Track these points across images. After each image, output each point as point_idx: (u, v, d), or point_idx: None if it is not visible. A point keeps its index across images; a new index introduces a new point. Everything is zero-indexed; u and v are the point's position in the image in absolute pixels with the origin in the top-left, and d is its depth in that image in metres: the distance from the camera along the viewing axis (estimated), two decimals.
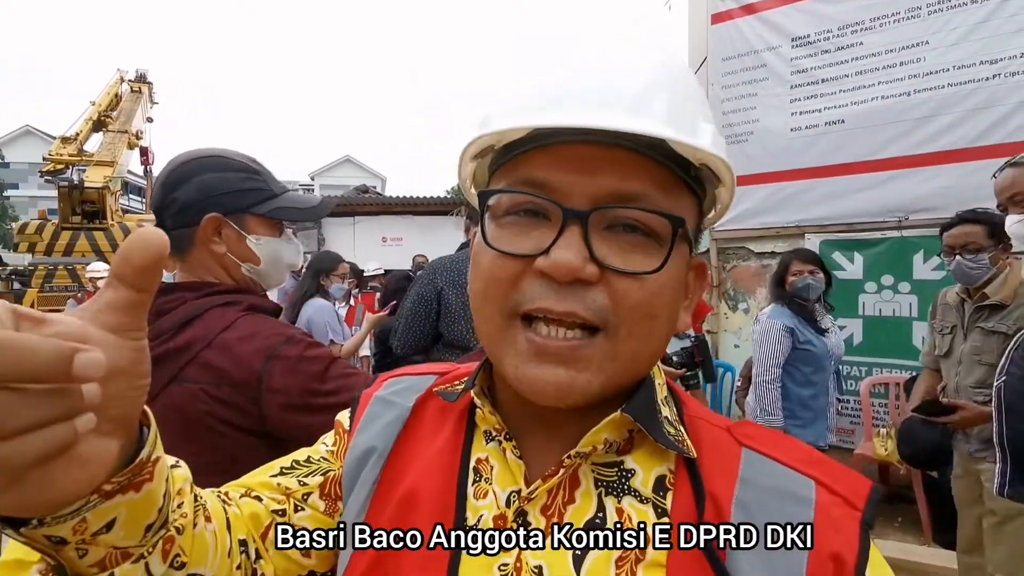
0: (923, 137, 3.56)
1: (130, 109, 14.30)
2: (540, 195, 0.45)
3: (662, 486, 0.48)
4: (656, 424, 0.48)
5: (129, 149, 13.92)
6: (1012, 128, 3.28)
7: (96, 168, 12.67)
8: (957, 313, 2.29)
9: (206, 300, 1.08)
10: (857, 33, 3.79)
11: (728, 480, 0.47)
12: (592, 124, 0.42)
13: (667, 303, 0.47)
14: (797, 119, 4.00)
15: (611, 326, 0.45)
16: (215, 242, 1.11)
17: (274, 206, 1.16)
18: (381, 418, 0.59)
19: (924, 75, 3.56)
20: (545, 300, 0.44)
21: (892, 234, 3.69)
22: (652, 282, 0.45)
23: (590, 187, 0.44)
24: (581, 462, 0.49)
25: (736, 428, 0.52)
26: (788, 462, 0.48)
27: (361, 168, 28.48)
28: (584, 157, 0.44)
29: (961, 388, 2.23)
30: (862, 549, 0.44)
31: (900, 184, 3.64)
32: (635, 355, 0.47)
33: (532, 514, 0.48)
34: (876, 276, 3.75)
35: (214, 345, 1.03)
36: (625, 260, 0.44)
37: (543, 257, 0.44)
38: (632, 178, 0.44)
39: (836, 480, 0.47)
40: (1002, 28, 3.29)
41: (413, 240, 8.49)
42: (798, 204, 3.99)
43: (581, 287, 0.44)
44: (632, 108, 0.44)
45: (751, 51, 4.19)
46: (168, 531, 0.44)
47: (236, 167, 1.14)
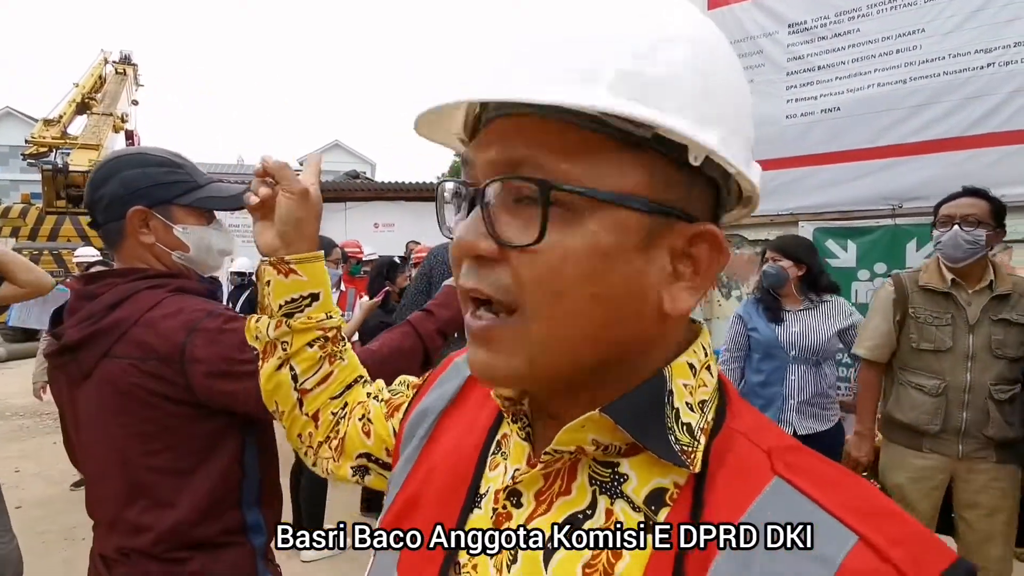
0: (918, 125, 3.57)
1: (115, 91, 14.05)
2: (454, 179, 0.48)
3: (659, 500, 0.43)
4: (653, 430, 0.43)
5: (114, 132, 13.70)
6: (1005, 117, 3.30)
7: (81, 151, 12.46)
8: (949, 302, 2.15)
9: (134, 284, 1.17)
10: (854, 20, 3.77)
11: (735, 510, 0.40)
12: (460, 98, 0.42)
13: (579, 278, 0.41)
14: (793, 106, 3.99)
15: (519, 305, 0.42)
16: (143, 233, 1.20)
17: (197, 196, 1.25)
18: (448, 383, 0.66)
19: (920, 63, 3.56)
20: (462, 279, 0.45)
21: (886, 222, 3.71)
22: (543, 255, 0.41)
23: (482, 161, 0.44)
24: (580, 456, 0.46)
25: (782, 453, 0.42)
26: (830, 507, 0.38)
27: (351, 153, 28.20)
28: (490, 130, 0.44)
29: (977, 386, 2.07)
30: None
31: (895, 172, 3.65)
32: (551, 336, 0.42)
33: (526, 495, 0.49)
34: (869, 264, 3.77)
35: (141, 323, 1.12)
36: (520, 234, 0.41)
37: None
38: (516, 143, 0.42)
39: (895, 543, 0.35)
40: (997, 16, 3.29)
41: (406, 226, 8.39)
42: (793, 192, 3.99)
43: (487, 265, 0.43)
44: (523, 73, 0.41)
45: (747, 37, 4.17)
46: (290, 322, 0.77)
47: (156, 162, 1.23)
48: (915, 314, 2.21)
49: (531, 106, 0.40)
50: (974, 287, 2.12)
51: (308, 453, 0.80)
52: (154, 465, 1.12)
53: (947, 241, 2.09)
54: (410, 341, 1.33)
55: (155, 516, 1.12)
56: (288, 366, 0.77)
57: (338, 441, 0.76)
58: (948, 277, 2.15)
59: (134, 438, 1.11)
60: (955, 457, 2.13)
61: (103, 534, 1.19)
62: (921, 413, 2.17)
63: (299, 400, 0.78)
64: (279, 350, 0.77)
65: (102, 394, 1.12)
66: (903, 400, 2.24)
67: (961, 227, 2.07)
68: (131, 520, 1.13)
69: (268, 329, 0.77)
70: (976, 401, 2.07)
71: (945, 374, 2.13)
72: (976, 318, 2.09)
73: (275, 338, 0.77)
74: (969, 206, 2.10)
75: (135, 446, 1.11)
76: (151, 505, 1.12)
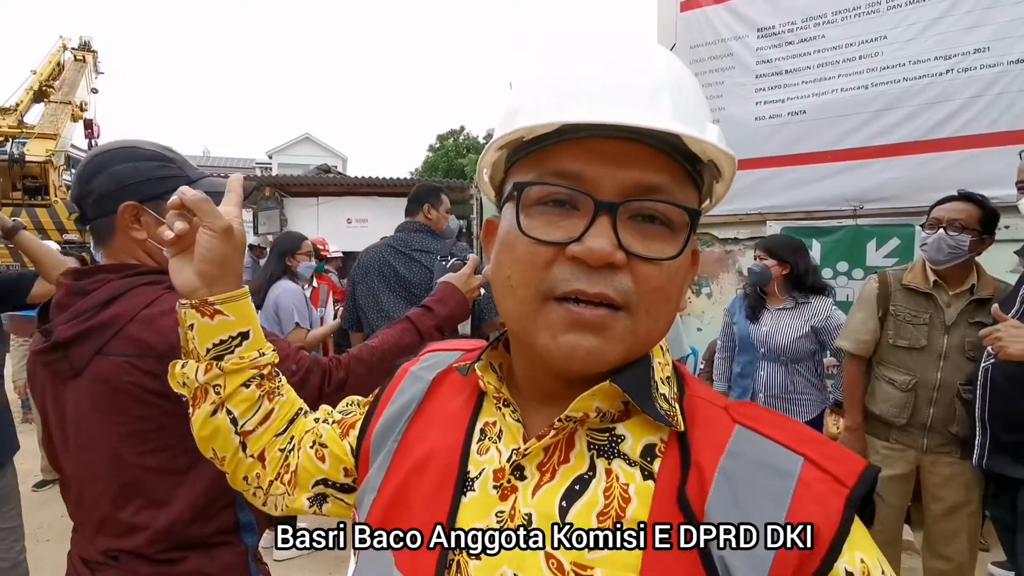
0: (879, 129, 3.70)
1: (73, 79, 13.56)
2: (575, 187, 0.50)
3: (651, 453, 0.52)
4: (648, 397, 0.52)
5: (73, 121, 13.23)
6: (962, 122, 3.44)
7: (38, 141, 12.01)
8: (929, 303, 2.20)
9: (129, 280, 1.13)
10: (820, 26, 3.89)
11: (715, 452, 0.50)
12: (631, 122, 0.46)
13: (678, 287, 0.52)
14: (761, 108, 4.09)
15: (632, 306, 0.50)
16: (135, 229, 1.16)
17: None
18: (408, 392, 0.68)
19: (881, 69, 3.69)
20: (578, 283, 0.49)
21: (848, 222, 3.84)
22: (669, 268, 0.50)
23: (617, 179, 0.49)
24: (578, 427, 0.54)
25: (735, 408, 0.55)
26: (780, 440, 0.50)
27: (321, 147, 27.73)
28: (612, 151, 0.49)
29: (946, 385, 2.15)
30: (843, 524, 0.45)
31: (856, 174, 3.78)
32: (650, 332, 0.52)
33: (528, 468, 0.54)
34: (832, 263, 3.90)
35: (138, 319, 1.09)
36: (647, 247, 0.50)
37: (576, 244, 0.48)
38: (654, 172, 0.49)
39: (829, 459, 0.48)
40: (957, 25, 3.43)
41: (379, 222, 8.27)
42: (761, 192, 4.10)
43: (609, 271, 0.49)
44: (651, 106, 0.49)
45: (718, 40, 4.26)
46: (221, 364, 0.73)
47: (148, 156, 1.19)
48: (896, 311, 2.25)
49: (658, 140, 0.49)
50: (955, 289, 2.16)
51: (257, 494, 0.78)
52: (149, 464, 1.09)
53: (931, 244, 2.13)
54: (409, 337, 1.32)
55: (150, 516, 1.09)
56: (224, 410, 0.74)
57: (291, 475, 0.75)
58: (931, 278, 2.20)
59: (128, 437, 1.08)
60: (919, 450, 2.22)
61: (87, 536, 1.15)
62: (891, 406, 2.25)
63: (242, 443, 0.76)
64: (211, 394, 0.74)
65: (94, 392, 1.09)
66: (876, 393, 2.32)
67: (947, 231, 2.10)
68: (124, 521, 1.09)
69: (196, 374, 0.74)
70: (944, 399, 2.15)
71: (917, 371, 2.20)
72: (953, 320, 2.14)
73: (205, 382, 0.74)
74: (957, 211, 2.11)
75: (129, 445, 1.08)
76: (146, 505, 1.09)
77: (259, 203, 8.92)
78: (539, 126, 0.50)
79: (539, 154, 0.52)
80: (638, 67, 0.51)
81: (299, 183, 9.19)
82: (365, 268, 2.67)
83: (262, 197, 8.88)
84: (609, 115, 0.47)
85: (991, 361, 1.90)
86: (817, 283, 2.80)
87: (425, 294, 2.55)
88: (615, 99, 0.49)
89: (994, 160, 3.26)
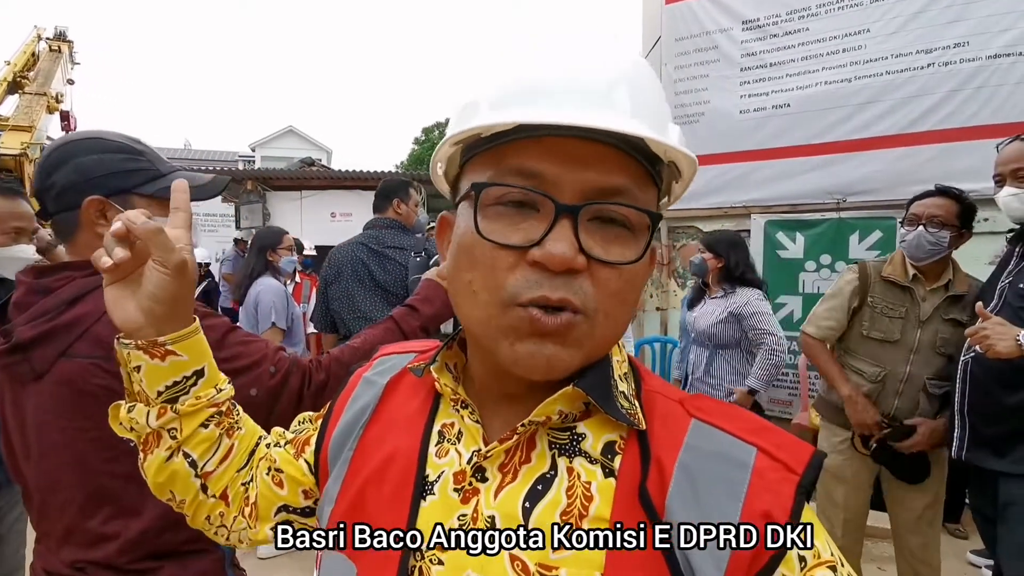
0: (861, 123, 3.73)
1: (49, 69, 13.25)
2: (536, 190, 0.48)
3: (611, 450, 0.52)
4: (609, 398, 0.52)
5: (48, 113, 12.93)
6: (942, 116, 3.48)
7: (12, 133, 11.72)
8: (906, 296, 2.21)
9: (96, 278, 1.06)
10: (804, 19, 3.90)
11: (674, 447, 0.51)
12: (593, 124, 0.45)
13: (636, 289, 0.53)
14: (746, 101, 4.10)
15: (591, 310, 0.49)
16: (101, 224, 1.09)
17: (160, 186, 1.14)
18: (362, 398, 0.66)
19: (864, 62, 3.71)
20: (541, 289, 0.48)
21: (831, 215, 3.87)
22: (628, 272, 0.50)
23: (577, 181, 0.48)
24: (538, 428, 0.53)
25: (689, 401, 0.56)
26: (733, 431, 0.52)
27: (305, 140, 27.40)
28: (572, 151, 0.48)
29: (913, 378, 2.17)
30: (795, 508, 0.47)
31: (839, 167, 3.81)
32: (606, 336, 0.51)
33: (490, 470, 0.54)
34: (815, 255, 3.93)
35: (105, 319, 0.99)
36: (606, 251, 0.49)
37: (537, 248, 0.48)
38: (615, 174, 0.49)
39: (779, 448, 0.50)
40: (938, 19, 3.46)
41: (363, 216, 8.13)
42: (745, 185, 4.12)
43: (570, 276, 0.48)
44: (611, 106, 0.48)
45: (703, 32, 4.26)
46: (176, 407, 0.66)
47: (114, 148, 1.12)
48: (873, 303, 2.25)
49: (620, 140, 0.48)
50: (932, 284, 2.17)
51: (220, 532, 0.73)
52: (117, 471, 1.03)
53: (911, 241, 2.14)
54: (393, 338, 1.28)
55: (120, 524, 1.03)
56: (181, 453, 0.68)
57: (251, 507, 0.71)
58: (911, 272, 2.20)
59: (95, 443, 1.02)
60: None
61: (52, 547, 1.09)
62: None
63: (202, 485, 0.70)
64: (166, 439, 0.67)
65: (58, 396, 1.03)
66: None
67: (926, 228, 2.10)
68: (92, 530, 1.04)
69: (147, 419, 0.66)
70: (909, 391, 2.17)
71: (887, 363, 2.21)
72: (928, 315, 2.16)
73: (159, 427, 0.66)
74: (936, 207, 2.11)
75: (96, 451, 1.03)
76: (115, 513, 1.04)
77: (241, 197, 8.79)
78: (498, 125, 0.49)
79: (496, 151, 0.50)
80: (597, 65, 0.50)
81: (282, 176, 9.07)
82: (337, 268, 2.59)
83: (244, 191, 8.77)
84: (568, 116, 0.46)
85: (971, 355, 1.92)
86: (746, 276, 2.98)
87: (403, 292, 2.52)
88: (575, 98, 0.48)
89: (973, 154, 3.29)
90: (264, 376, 1.11)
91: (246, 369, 1.10)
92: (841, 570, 0.48)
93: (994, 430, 1.87)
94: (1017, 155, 1.89)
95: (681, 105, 4.31)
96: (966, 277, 2.19)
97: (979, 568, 3.04)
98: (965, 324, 2.04)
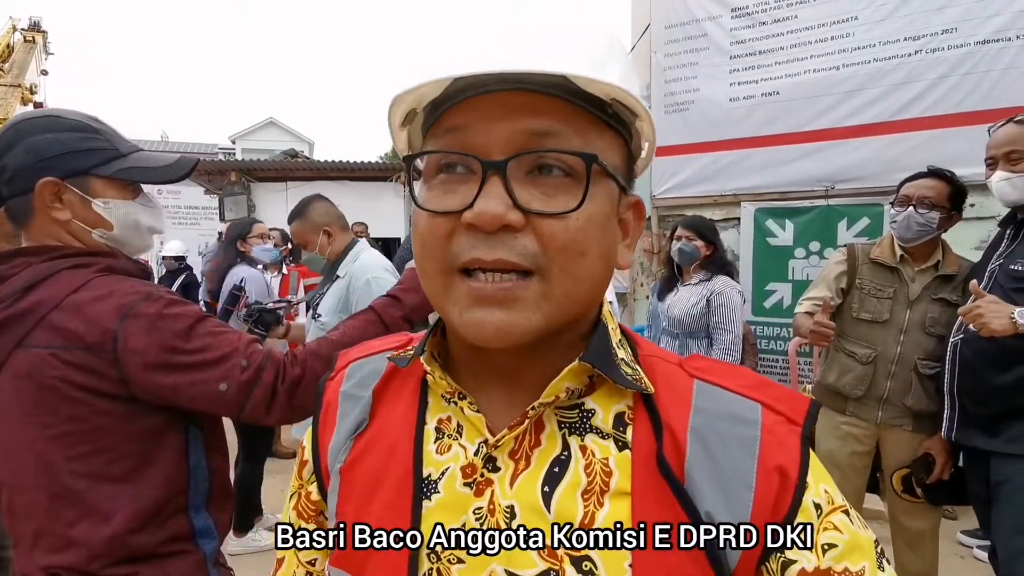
0: (849, 110, 3.74)
1: (23, 61, 12.94)
2: (460, 152, 0.47)
3: (621, 422, 0.52)
4: (614, 367, 0.51)
5: (22, 105, 12.63)
6: (929, 103, 3.50)
7: None
8: (895, 277, 2.23)
9: (53, 263, 1.01)
10: (792, 7, 3.90)
11: (683, 411, 0.51)
12: (488, 69, 0.44)
13: (596, 240, 0.48)
14: (735, 89, 4.10)
15: (543, 268, 0.47)
16: (56, 208, 1.04)
17: (120, 167, 1.08)
18: (350, 416, 0.61)
19: (852, 50, 3.72)
20: (475, 251, 0.46)
21: (820, 202, 3.89)
22: (575, 220, 0.47)
23: (504, 132, 0.46)
24: (545, 408, 0.52)
25: (687, 362, 0.56)
26: (736, 389, 0.53)
27: (287, 131, 27.01)
28: (500, 102, 0.46)
29: (904, 359, 2.18)
30: (803, 460, 0.49)
31: (828, 155, 3.82)
32: (568, 293, 0.48)
33: (501, 459, 0.52)
34: (805, 242, 3.96)
35: (63, 306, 0.97)
36: (546, 203, 0.47)
37: (469, 210, 0.46)
38: (545, 116, 0.46)
39: (778, 401, 0.52)
40: (926, 5, 3.47)
41: (351, 207, 8.01)
42: (735, 173, 4.12)
43: (509, 235, 0.46)
44: (536, 52, 0.46)
45: (693, 20, 4.24)
46: None
47: (70, 127, 1.06)
48: (861, 284, 2.27)
49: (542, 85, 0.46)
50: (921, 265, 2.20)
51: None
52: (82, 471, 0.98)
53: (900, 221, 2.16)
54: (374, 330, 1.23)
55: (87, 528, 0.98)
56: None
57: None
58: (898, 253, 2.22)
59: (57, 440, 0.97)
60: (874, 422, 2.26)
61: (25, 552, 1.04)
62: (850, 378, 2.28)
63: None
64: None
65: (16, 390, 0.98)
66: (835, 365, 2.35)
67: (916, 209, 2.12)
68: (60, 534, 0.99)
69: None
70: (901, 373, 2.19)
71: (877, 344, 2.23)
72: (917, 295, 2.18)
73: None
74: (928, 188, 2.13)
75: (59, 449, 0.98)
76: (81, 516, 0.98)
77: (225, 189, 8.66)
78: (417, 88, 0.47)
79: (438, 121, 0.50)
80: (531, 20, 0.49)
81: (266, 168, 8.94)
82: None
83: (228, 183, 8.64)
84: (481, 65, 0.44)
85: (960, 336, 1.94)
86: (727, 264, 2.99)
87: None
88: (501, 52, 0.46)
89: (960, 140, 3.32)
90: (235, 370, 1.05)
91: (216, 362, 1.04)
92: (852, 512, 0.51)
93: (984, 410, 1.90)
94: (1010, 138, 1.90)
95: (671, 93, 4.30)
96: (957, 258, 2.20)
97: (970, 548, 3.11)
98: (955, 304, 2.05)
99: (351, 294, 2.37)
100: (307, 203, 2.53)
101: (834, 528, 0.48)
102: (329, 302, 2.42)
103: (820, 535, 0.48)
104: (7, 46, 13.07)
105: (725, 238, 4.24)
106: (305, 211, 2.45)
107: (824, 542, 0.48)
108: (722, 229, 4.24)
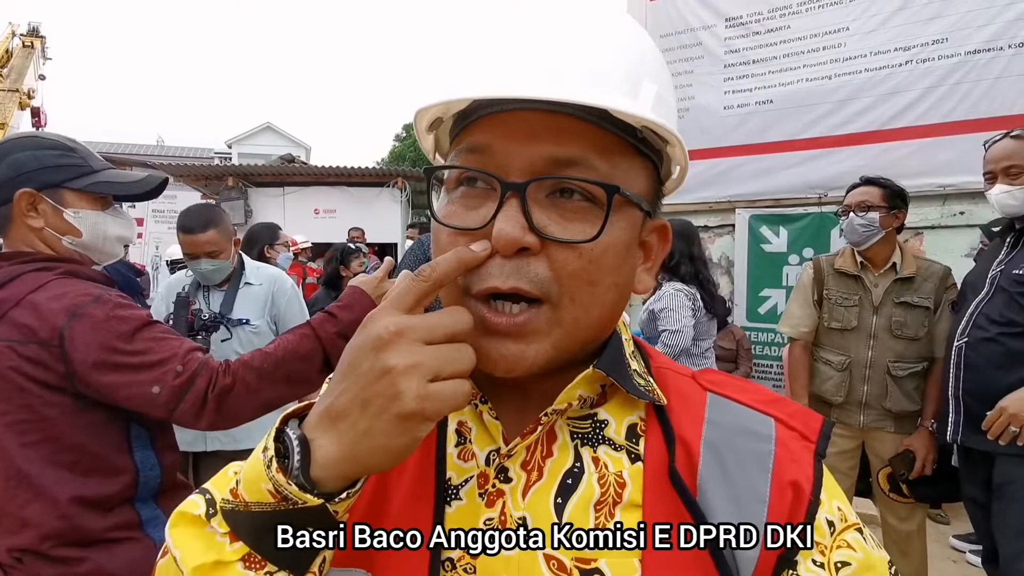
0: (841, 119, 3.79)
1: (21, 66, 12.94)
2: (480, 170, 0.47)
3: (634, 433, 0.51)
4: (626, 377, 0.51)
5: (20, 110, 12.62)
6: (920, 112, 3.54)
7: None
8: (858, 284, 2.34)
9: (19, 267, 1.13)
10: (785, 16, 3.95)
11: (696, 423, 0.51)
12: (516, 94, 0.43)
13: (609, 269, 0.48)
14: (730, 98, 4.15)
15: (553, 296, 0.46)
16: (31, 216, 1.16)
17: (91, 181, 1.21)
18: None
19: (844, 60, 3.77)
20: (492, 280, 0.45)
21: (813, 210, 3.93)
22: (590, 250, 0.46)
23: (528, 154, 0.45)
24: (557, 418, 0.51)
25: (700, 375, 0.56)
26: (750, 403, 0.53)
27: (283, 136, 27.03)
28: (525, 123, 0.46)
29: (876, 363, 2.28)
30: (816, 476, 0.49)
31: (821, 163, 3.87)
32: (577, 321, 0.47)
33: (513, 470, 0.51)
34: (798, 249, 3.99)
35: (22, 304, 1.08)
36: (564, 228, 0.46)
37: (488, 236, 0.46)
38: (569, 143, 0.45)
39: (792, 417, 0.52)
40: (916, 16, 3.52)
41: (347, 212, 8.12)
42: (730, 180, 4.16)
43: (523, 259, 0.45)
44: (569, 76, 0.45)
45: (688, 29, 4.29)
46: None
47: (48, 145, 1.19)
48: (828, 295, 2.40)
49: (577, 108, 0.44)
50: (880, 269, 2.32)
51: None
52: (33, 456, 1.07)
53: (847, 228, 2.32)
54: (308, 344, 1.25)
55: (37, 510, 1.06)
56: None
57: None
58: (859, 260, 2.35)
59: (10, 427, 1.07)
60: (857, 427, 2.34)
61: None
62: (829, 386, 2.38)
63: None
64: None
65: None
66: (816, 374, 2.45)
67: (855, 214, 2.28)
68: (15, 515, 1.07)
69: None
70: (876, 376, 2.29)
71: (850, 351, 2.34)
72: (880, 300, 2.29)
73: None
74: (862, 194, 2.31)
75: (13, 436, 1.07)
76: (32, 498, 1.07)
77: (222, 193, 8.66)
78: (449, 102, 0.48)
79: (463, 132, 0.50)
80: (552, 33, 0.47)
81: (264, 173, 8.96)
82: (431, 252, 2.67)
83: (225, 187, 8.64)
84: (511, 89, 0.43)
85: (964, 340, 1.98)
86: (679, 268, 2.79)
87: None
88: (532, 73, 0.45)
89: (951, 148, 3.36)
90: (169, 375, 1.12)
91: (152, 365, 1.12)
92: (865, 531, 0.50)
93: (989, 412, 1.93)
94: (1007, 153, 1.96)
95: None
96: (915, 260, 2.31)
97: (962, 552, 3.12)
98: (917, 306, 2.19)
99: (279, 297, 2.47)
100: (213, 211, 2.43)
101: (848, 546, 0.48)
102: (253, 308, 2.41)
103: (833, 553, 0.47)
104: (6, 51, 13.07)
105: (720, 244, 4.28)
106: (218, 219, 2.33)
107: (837, 560, 0.47)
108: (717, 235, 4.29)
